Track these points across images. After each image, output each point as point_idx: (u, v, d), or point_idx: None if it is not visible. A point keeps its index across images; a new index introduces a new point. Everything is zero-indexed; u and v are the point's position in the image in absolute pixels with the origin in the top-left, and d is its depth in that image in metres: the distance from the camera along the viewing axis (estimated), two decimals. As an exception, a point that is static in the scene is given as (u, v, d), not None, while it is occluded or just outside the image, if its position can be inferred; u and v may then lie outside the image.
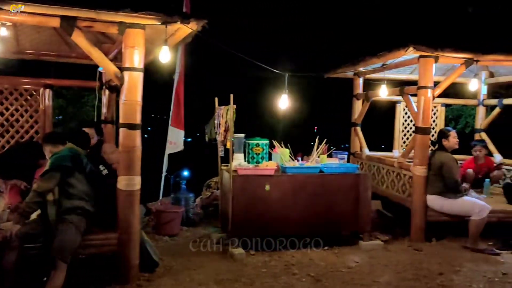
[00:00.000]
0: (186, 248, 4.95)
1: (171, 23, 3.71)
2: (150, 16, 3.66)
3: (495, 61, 5.58)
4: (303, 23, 13.63)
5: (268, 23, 13.34)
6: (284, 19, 13.38)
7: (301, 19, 13.46)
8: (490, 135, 7.28)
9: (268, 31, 13.14)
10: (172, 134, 6.59)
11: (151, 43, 4.56)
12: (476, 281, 4.09)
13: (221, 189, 5.39)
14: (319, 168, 5.02)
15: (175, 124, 6.57)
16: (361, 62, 6.18)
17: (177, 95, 6.61)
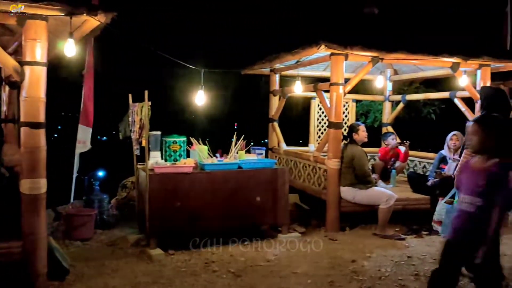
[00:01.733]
0: (100, 252, 4.72)
1: (76, 15, 3.49)
2: (52, 7, 3.41)
3: (398, 60, 5.99)
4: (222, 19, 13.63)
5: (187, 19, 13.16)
6: (203, 15, 13.28)
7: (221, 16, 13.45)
8: (395, 128, 7.83)
9: (187, 26, 12.96)
10: (81, 132, 6.24)
11: (56, 35, 4.27)
12: (385, 265, 4.36)
13: (138, 188, 5.20)
14: (237, 164, 5.04)
15: (84, 122, 6.23)
16: (277, 59, 6.30)
17: (87, 91, 6.25)
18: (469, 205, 2.75)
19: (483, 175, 2.74)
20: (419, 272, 4.20)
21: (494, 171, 2.71)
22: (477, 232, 2.68)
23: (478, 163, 2.83)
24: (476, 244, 2.64)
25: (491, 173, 2.71)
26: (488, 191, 2.69)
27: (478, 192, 2.73)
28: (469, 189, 2.78)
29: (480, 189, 2.72)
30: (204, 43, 12.99)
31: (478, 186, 2.73)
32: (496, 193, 2.66)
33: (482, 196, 2.71)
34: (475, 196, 2.73)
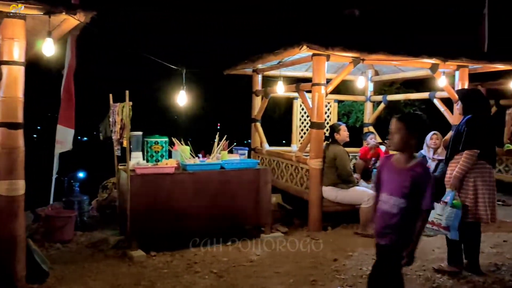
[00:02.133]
0: (81, 254, 4.66)
1: (55, 14, 3.44)
2: (31, 5, 3.35)
3: (378, 61, 6.06)
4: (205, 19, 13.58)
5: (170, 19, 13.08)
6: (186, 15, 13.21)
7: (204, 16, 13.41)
8: (376, 128, 7.92)
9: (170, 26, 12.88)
10: (60, 133, 6.14)
11: (35, 34, 4.20)
12: (366, 263, 4.40)
13: (119, 189, 5.15)
14: (220, 165, 5.03)
15: (64, 122, 6.13)
16: (259, 59, 6.32)
17: (66, 91, 6.15)
18: (393, 206, 2.63)
19: (407, 175, 2.62)
20: (400, 270, 4.25)
21: (419, 171, 2.61)
22: (401, 235, 2.61)
23: (399, 161, 2.71)
24: (400, 247, 2.57)
25: (416, 174, 2.60)
26: (412, 192, 2.59)
27: (403, 193, 2.61)
28: (393, 190, 2.66)
29: (404, 190, 2.60)
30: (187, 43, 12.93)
31: (402, 187, 2.61)
32: (420, 194, 2.58)
33: (406, 197, 2.60)
34: (399, 197, 2.62)
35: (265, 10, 13.16)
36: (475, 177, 3.95)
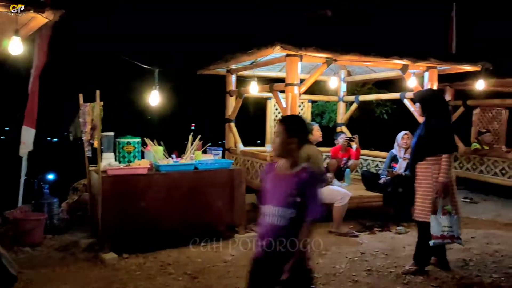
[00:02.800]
0: (51, 258, 4.56)
1: (23, 11, 3.35)
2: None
3: (350, 61, 6.15)
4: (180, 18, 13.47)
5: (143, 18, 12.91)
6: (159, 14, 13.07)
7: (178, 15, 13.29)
8: (349, 128, 8.03)
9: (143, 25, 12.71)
10: (23, 133, 6.00)
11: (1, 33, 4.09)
12: (339, 262, 4.47)
13: (90, 191, 5.06)
14: (193, 165, 5.00)
15: (28, 122, 5.98)
16: (233, 59, 6.31)
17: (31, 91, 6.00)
18: (280, 218, 2.34)
19: (292, 182, 2.36)
20: (372, 267, 4.32)
21: (304, 177, 2.36)
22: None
23: (283, 168, 2.44)
24: (285, 259, 2.28)
25: (301, 180, 2.35)
26: (300, 200, 2.33)
27: (289, 202, 2.34)
28: (278, 199, 2.37)
29: (290, 198, 2.33)
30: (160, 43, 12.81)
31: (288, 195, 2.34)
32: (307, 202, 2.32)
33: (293, 206, 2.33)
34: (286, 207, 2.34)
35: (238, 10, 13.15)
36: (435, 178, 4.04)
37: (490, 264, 4.42)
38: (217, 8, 13.32)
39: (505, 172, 7.59)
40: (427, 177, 4.06)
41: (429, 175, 4.04)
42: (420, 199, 4.08)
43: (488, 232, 5.59)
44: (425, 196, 4.05)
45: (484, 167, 7.99)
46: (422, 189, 4.08)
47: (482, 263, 4.46)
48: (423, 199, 4.06)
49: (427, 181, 4.05)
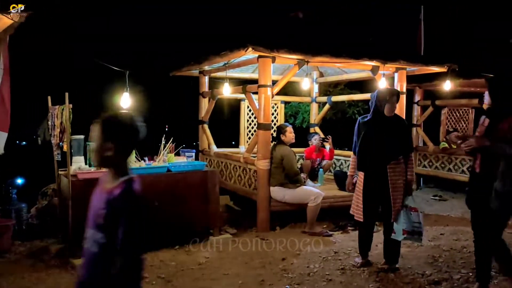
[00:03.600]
0: (20, 264, 4.43)
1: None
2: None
3: (322, 63, 6.22)
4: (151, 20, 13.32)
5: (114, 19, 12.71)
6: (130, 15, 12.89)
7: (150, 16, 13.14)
8: (322, 128, 8.12)
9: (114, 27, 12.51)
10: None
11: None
12: (313, 261, 4.51)
13: (60, 196, 4.95)
14: (166, 167, 4.96)
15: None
16: (205, 61, 6.29)
17: (2, 94, 5.83)
18: (92, 243, 1.90)
19: (103, 200, 1.88)
20: (345, 266, 4.38)
21: (116, 195, 1.85)
22: (105, 280, 1.84)
23: (105, 182, 1.97)
24: None
25: (112, 198, 1.85)
26: (109, 223, 1.83)
27: (98, 224, 1.88)
28: (92, 220, 1.94)
29: (99, 219, 1.87)
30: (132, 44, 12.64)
31: (97, 216, 1.89)
32: (118, 226, 1.80)
33: (103, 230, 1.86)
34: (96, 230, 1.89)
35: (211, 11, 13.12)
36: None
37: (458, 260, 4.54)
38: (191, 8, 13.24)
39: (472, 170, 7.81)
40: (399, 177, 4.13)
41: (402, 174, 4.13)
42: (397, 200, 4.11)
43: (456, 229, 5.75)
44: (400, 195, 4.12)
45: (452, 165, 8.21)
46: (398, 190, 4.12)
47: (451, 259, 4.57)
48: (399, 198, 4.12)
49: (400, 181, 4.13)
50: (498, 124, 3.34)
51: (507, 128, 3.29)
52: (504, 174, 3.27)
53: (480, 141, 3.36)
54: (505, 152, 3.23)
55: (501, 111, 3.39)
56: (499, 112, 3.40)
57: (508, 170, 3.26)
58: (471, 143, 3.38)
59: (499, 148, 3.26)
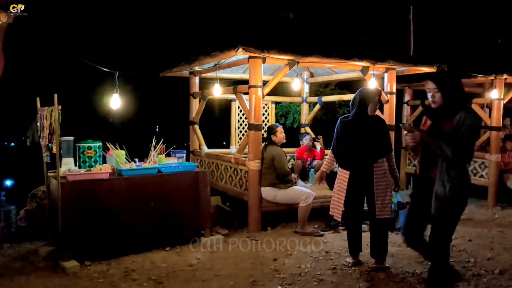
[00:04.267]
0: (8, 267, 4.38)
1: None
2: None
3: (312, 63, 6.23)
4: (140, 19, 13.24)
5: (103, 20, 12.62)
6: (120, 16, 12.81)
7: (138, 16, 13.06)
8: (313, 128, 8.14)
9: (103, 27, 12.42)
10: None
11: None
12: (305, 261, 4.52)
13: (49, 198, 4.90)
14: (157, 169, 4.94)
15: None
16: (196, 61, 6.27)
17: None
18: None
19: None
20: (336, 266, 4.40)
21: None
22: None
23: None
24: None
25: None
26: None
27: None
28: None
29: None
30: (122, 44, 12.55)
31: None
32: None
33: None
34: None
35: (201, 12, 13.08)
36: None
37: (448, 258, 4.58)
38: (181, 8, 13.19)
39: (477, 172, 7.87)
40: (384, 174, 4.17)
41: (386, 173, 4.18)
42: (380, 197, 4.16)
43: (446, 228, 5.79)
44: (385, 193, 4.16)
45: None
46: (381, 187, 4.16)
47: (441, 257, 4.61)
48: (383, 196, 4.16)
49: (385, 178, 4.17)
50: (441, 126, 3.32)
51: (450, 129, 3.25)
52: (443, 178, 3.26)
53: (423, 136, 3.33)
54: (444, 153, 3.20)
55: (444, 112, 3.33)
56: (443, 113, 3.34)
57: (447, 173, 3.25)
58: (415, 137, 3.34)
59: (438, 148, 3.22)
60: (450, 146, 3.17)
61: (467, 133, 3.18)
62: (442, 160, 3.27)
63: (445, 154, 3.20)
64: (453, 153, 3.16)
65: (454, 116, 3.24)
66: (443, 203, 3.26)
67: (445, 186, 3.23)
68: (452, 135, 3.21)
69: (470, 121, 3.19)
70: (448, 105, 3.32)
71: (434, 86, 3.35)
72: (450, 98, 3.31)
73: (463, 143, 3.17)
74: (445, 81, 3.38)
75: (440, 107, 3.37)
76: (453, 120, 3.24)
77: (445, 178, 3.25)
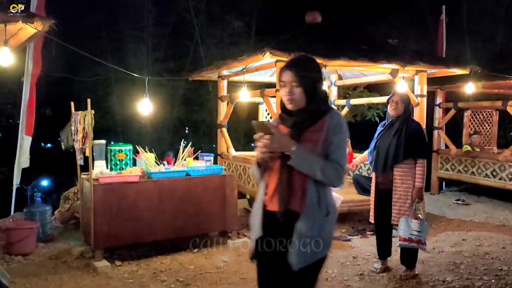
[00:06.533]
0: (43, 266, 4.54)
1: (11, 22, 3.37)
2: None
3: (340, 66, 6.19)
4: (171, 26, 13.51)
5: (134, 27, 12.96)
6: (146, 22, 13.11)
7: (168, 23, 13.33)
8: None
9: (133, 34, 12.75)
10: (25, 142, 6.02)
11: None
12: (331, 266, 4.49)
13: (82, 199, 5.06)
14: (185, 172, 5.01)
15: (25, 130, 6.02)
16: (224, 66, 6.34)
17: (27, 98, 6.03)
18: None
19: None
20: (364, 272, 4.35)
21: None
22: None
23: None
24: None
25: None
26: None
27: None
28: None
29: None
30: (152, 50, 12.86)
31: None
32: None
33: None
34: None
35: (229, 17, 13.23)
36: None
37: (480, 266, 4.46)
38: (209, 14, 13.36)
39: (496, 174, 7.65)
40: (405, 180, 4.04)
41: (409, 178, 4.03)
42: (398, 203, 4.06)
43: (479, 234, 5.63)
44: (404, 200, 4.04)
45: (476, 168, 8.05)
46: (399, 192, 4.06)
47: (473, 266, 4.49)
48: (401, 203, 4.05)
49: (406, 184, 4.03)
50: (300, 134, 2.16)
51: (316, 139, 2.14)
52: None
53: (284, 142, 2.11)
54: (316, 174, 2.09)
55: (307, 114, 2.19)
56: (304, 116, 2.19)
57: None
58: (269, 144, 2.10)
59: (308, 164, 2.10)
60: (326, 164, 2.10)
61: (342, 146, 2.16)
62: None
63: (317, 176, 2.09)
64: (327, 175, 2.08)
65: (320, 118, 2.17)
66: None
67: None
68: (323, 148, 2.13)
69: (344, 128, 2.16)
70: (311, 105, 2.18)
71: (291, 78, 2.16)
72: (313, 95, 2.18)
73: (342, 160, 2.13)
74: (306, 70, 2.20)
75: (301, 109, 2.20)
76: (319, 125, 2.16)
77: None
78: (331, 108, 2.26)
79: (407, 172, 4.04)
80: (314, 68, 2.25)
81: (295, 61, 2.26)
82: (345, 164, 2.13)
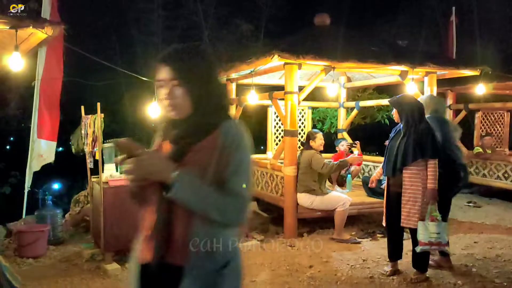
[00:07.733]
0: (54, 269, 4.59)
1: (22, 28, 3.41)
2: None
3: (349, 68, 6.17)
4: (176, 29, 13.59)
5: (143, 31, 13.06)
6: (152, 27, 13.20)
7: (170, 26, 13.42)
8: (351, 133, 8.05)
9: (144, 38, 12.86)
10: (43, 146, 6.07)
11: (3, 48, 4.15)
12: (341, 269, 4.47)
13: (92, 202, 5.10)
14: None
15: (46, 135, 6.07)
16: (232, 68, 6.35)
17: (48, 103, 6.08)
18: None
19: None
20: (374, 274, 4.32)
21: None
22: None
23: None
24: None
25: None
26: None
27: None
28: None
29: None
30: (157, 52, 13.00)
31: None
32: None
33: None
34: None
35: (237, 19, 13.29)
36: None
37: (492, 269, 4.40)
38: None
39: (508, 175, 7.57)
40: (414, 182, 3.98)
41: (418, 181, 3.97)
42: (407, 206, 4.01)
43: (491, 237, 5.57)
44: (413, 203, 3.98)
45: (487, 170, 7.97)
46: (408, 195, 4.01)
47: (485, 268, 4.44)
48: (410, 205, 4.00)
49: (415, 186, 3.98)
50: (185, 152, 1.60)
51: (203, 161, 1.56)
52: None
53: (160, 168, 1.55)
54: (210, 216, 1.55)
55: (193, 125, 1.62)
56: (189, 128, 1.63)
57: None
58: (137, 170, 1.55)
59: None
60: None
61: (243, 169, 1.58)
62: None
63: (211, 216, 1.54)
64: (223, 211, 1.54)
65: (211, 132, 1.59)
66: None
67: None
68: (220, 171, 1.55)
69: (245, 143, 1.59)
70: (197, 113, 1.62)
71: (169, 74, 1.59)
72: (202, 99, 1.61)
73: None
74: (192, 65, 1.59)
75: (187, 119, 1.63)
76: (209, 142, 1.58)
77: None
78: (227, 117, 1.64)
79: (416, 175, 3.98)
80: (204, 61, 1.62)
81: (175, 52, 1.62)
82: (248, 195, 1.56)
